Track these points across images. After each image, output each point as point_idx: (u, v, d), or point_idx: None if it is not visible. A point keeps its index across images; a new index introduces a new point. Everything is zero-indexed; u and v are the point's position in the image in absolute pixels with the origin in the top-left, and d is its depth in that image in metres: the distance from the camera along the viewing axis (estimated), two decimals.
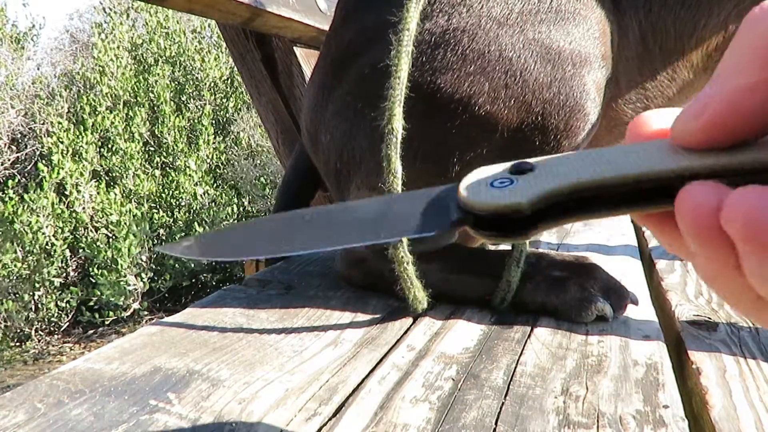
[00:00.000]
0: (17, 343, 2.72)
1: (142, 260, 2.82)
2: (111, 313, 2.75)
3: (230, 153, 3.57)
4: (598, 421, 0.38)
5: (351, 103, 0.55)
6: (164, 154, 3.45)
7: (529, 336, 0.51)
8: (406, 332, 0.52)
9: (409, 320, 0.54)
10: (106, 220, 2.88)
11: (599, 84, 0.52)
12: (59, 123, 3.12)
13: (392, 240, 0.21)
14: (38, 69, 4.14)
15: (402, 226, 0.20)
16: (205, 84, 3.71)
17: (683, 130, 0.18)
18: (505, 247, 0.85)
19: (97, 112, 3.28)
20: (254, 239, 0.23)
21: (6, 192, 2.94)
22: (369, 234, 0.21)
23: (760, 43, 0.16)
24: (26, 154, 3.65)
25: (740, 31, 0.17)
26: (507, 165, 0.21)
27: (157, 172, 3.36)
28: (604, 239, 0.93)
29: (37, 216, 2.76)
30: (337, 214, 0.23)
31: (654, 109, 0.20)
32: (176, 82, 3.74)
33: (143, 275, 2.79)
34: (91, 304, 2.77)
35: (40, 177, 2.91)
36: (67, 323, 2.84)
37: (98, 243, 2.81)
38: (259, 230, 0.24)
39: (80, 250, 2.91)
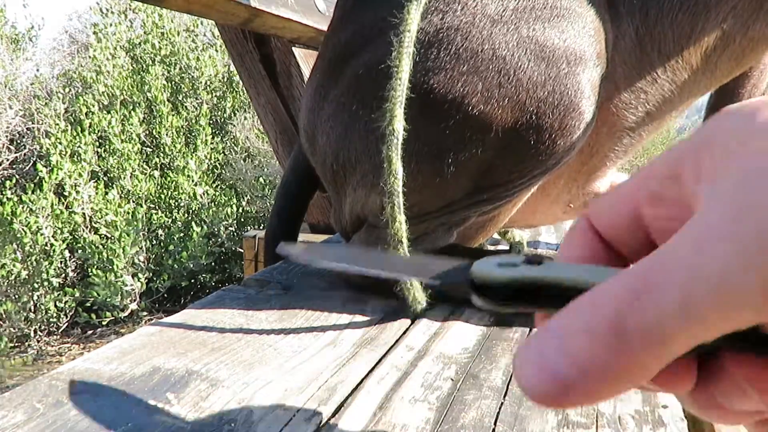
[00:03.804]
0: (16, 344, 2.71)
1: (139, 260, 2.82)
2: (108, 314, 2.74)
3: (229, 153, 3.56)
4: (597, 421, 0.38)
5: (346, 105, 0.55)
6: (162, 154, 3.45)
7: (528, 336, 0.51)
8: (405, 332, 0.52)
9: (408, 320, 0.54)
10: (106, 220, 2.87)
11: (594, 82, 0.52)
12: (57, 124, 3.12)
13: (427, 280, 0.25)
14: (37, 69, 4.13)
15: (426, 273, 0.25)
16: (201, 82, 3.70)
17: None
18: (503, 246, 0.85)
19: (94, 113, 3.27)
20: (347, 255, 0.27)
21: (5, 193, 2.93)
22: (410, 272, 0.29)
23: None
24: (25, 154, 3.64)
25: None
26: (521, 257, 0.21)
27: (156, 173, 3.35)
28: None
29: (36, 217, 2.75)
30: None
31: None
32: (172, 81, 3.73)
33: (140, 275, 2.78)
34: (89, 304, 2.76)
35: (39, 178, 2.90)
36: (66, 324, 2.84)
37: (96, 244, 2.81)
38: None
39: (79, 251, 2.90)
